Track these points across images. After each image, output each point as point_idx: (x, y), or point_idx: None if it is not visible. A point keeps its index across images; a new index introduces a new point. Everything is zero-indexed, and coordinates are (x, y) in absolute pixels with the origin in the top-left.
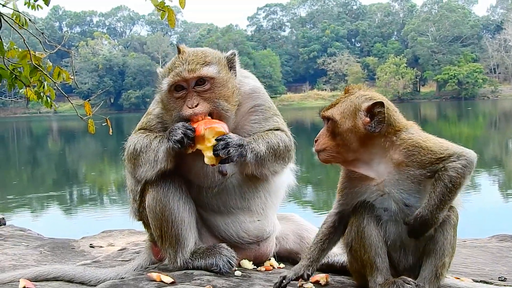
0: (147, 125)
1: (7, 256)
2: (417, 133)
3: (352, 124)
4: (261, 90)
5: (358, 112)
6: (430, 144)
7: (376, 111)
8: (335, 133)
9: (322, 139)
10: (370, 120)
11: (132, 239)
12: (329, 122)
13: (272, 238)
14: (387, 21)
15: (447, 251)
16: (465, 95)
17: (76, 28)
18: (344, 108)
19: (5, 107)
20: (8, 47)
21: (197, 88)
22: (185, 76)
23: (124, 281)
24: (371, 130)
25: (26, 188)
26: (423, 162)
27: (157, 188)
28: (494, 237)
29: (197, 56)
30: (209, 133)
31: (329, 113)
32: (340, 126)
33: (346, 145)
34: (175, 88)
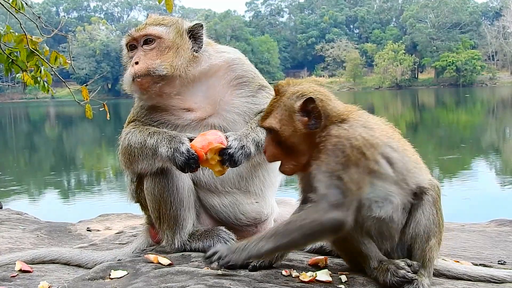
0: (135, 114)
1: (3, 239)
2: (354, 129)
3: (292, 129)
4: (239, 61)
5: (294, 114)
6: (352, 157)
7: (310, 107)
8: (280, 142)
9: (269, 150)
10: (308, 118)
11: (129, 223)
12: (272, 133)
13: (270, 220)
14: (385, 7)
15: (432, 231)
16: (463, 82)
17: (73, 13)
18: (281, 115)
19: (2, 93)
20: (5, 31)
21: (145, 47)
22: (133, 34)
23: (121, 263)
24: (313, 127)
25: (24, 173)
26: (329, 170)
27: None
28: (493, 221)
29: (154, 19)
30: (210, 153)
31: (268, 124)
32: (282, 134)
33: (295, 149)
34: (130, 48)
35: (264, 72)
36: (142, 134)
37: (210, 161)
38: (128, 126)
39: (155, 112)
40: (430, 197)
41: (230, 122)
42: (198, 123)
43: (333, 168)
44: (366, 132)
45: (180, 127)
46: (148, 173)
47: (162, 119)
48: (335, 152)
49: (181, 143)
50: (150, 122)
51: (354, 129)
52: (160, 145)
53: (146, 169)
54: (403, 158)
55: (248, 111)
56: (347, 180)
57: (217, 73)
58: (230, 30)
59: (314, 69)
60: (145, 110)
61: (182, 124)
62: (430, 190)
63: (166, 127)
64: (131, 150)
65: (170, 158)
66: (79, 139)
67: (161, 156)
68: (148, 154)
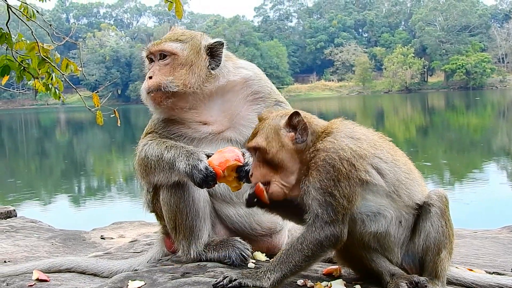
0: (152, 127)
1: (19, 248)
2: (341, 141)
3: (279, 145)
4: (256, 77)
5: (279, 130)
6: (342, 169)
7: (296, 121)
8: (268, 160)
9: (257, 171)
10: (294, 134)
11: (143, 231)
12: (257, 153)
13: (285, 230)
14: (394, 11)
15: (442, 243)
16: (473, 85)
17: (83, 19)
18: (266, 133)
19: (13, 99)
20: (16, 39)
21: (160, 62)
22: (150, 48)
23: (138, 273)
24: (300, 141)
25: (35, 179)
26: (322, 188)
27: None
28: (505, 228)
29: (173, 34)
30: (228, 170)
31: (254, 143)
32: (269, 151)
33: (284, 167)
34: (149, 60)
35: (273, 77)
36: (160, 147)
37: (227, 177)
38: (146, 137)
39: (172, 124)
40: (437, 209)
41: (246, 136)
42: (214, 137)
43: (325, 185)
44: (353, 143)
45: (197, 140)
46: (164, 185)
47: (179, 131)
48: (325, 167)
49: (200, 160)
50: (167, 134)
51: (340, 140)
52: (177, 160)
53: (162, 181)
54: (393, 169)
55: None
56: (338, 195)
57: (234, 88)
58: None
59: (323, 73)
60: (162, 123)
61: (199, 138)
62: (440, 197)
63: (183, 140)
64: (148, 162)
65: (188, 174)
66: (90, 145)
67: (178, 171)
68: (165, 168)
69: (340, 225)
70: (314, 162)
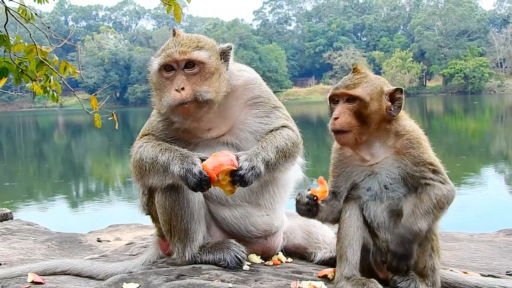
0: (149, 129)
1: (15, 250)
2: (413, 125)
3: (378, 107)
4: (256, 81)
5: (382, 94)
6: (426, 144)
7: (397, 97)
8: (361, 114)
9: (345, 118)
10: (391, 105)
11: (139, 233)
12: (356, 102)
13: (280, 232)
14: (393, 15)
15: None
16: (472, 89)
17: (82, 22)
18: (371, 89)
19: (12, 102)
20: (15, 41)
21: (186, 71)
22: (175, 57)
23: (133, 275)
24: (392, 114)
25: (33, 182)
26: (418, 158)
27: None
28: (501, 231)
29: (190, 40)
30: (222, 174)
31: (358, 93)
32: (369, 107)
33: (369, 126)
34: (165, 68)
35: (272, 80)
36: (154, 150)
37: (221, 181)
38: (141, 139)
39: (170, 128)
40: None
41: (242, 140)
42: (211, 141)
43: (424, 157)
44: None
45: (194, 144)
46: (158, 187)
47: (176, 135)
48: (416, 143)
49: (194, 164)
50: (164, 137)
51: (414, 125)
52: (171, 164)
53: (156, 184)
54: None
55: (260, 130)
56: (432, 161)
57: (236, 92)
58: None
59: (322, 77)
60: (159, 125)
61: (196, 142)
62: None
63: (180, 143)
64: (143, 164)
65: (183, 178)
66: (88, 148)
67: (172, 174)
68: (159, 170)
69: (448, 179)
70: (403, 135)
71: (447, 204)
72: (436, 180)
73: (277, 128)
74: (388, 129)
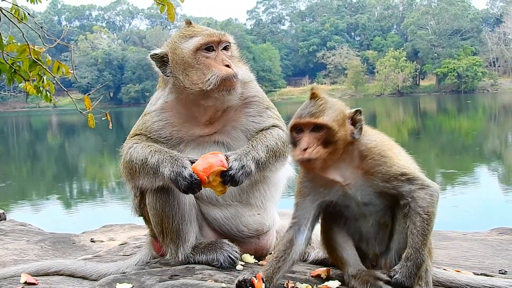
0: (142, 128)
1: (8, 251)
2: (377, 138)
3: (344, 132)
4: (253, 80)
5: (346, 119)
6: (394, 156)
7: (357, 118)
8: (329, 142)
9: (313, 148)
10: (353, 128)
11: (133, 234)
12: (323, 130)
13: (272, 231)
14: (386, 15)
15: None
16: (465, 88)
17: (75, 22)
18: (336, 115)
19: (4, 102)
20: (7, 41)
21: (224, 52)
22: (220, 37)
23: (126, 276)
24: (355, 137)
25: (26, 183)
26: (388, 174)
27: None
28: (494, 230)
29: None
30: (212, 176)
31: (326, 121)
32: (336, 134)
33: (335, 152)
34: (206, 48)
35: (266, 80)
36: (144, 151)
37: (212, 182)
38: (131, 139)
39: (162, 126)
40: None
41: (234, 138)
42: (203, 139)
43: (392, 171)
44: (385, 138)
45: (185, 142)
46: (149, 189)
47: (168, 133)
48: (381, 159)
49: (184, 168)
50: (157, 137)
51: (377, 137)
52: (161, 166)
53: (147, 185)
54: (407, 157)
55: (252, 129)
56: (402, 169)
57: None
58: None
59: (316, 76)
60: (156, 126)
61: (188, 140)
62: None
63: (172, 141)
64: (132, 165)
65: (173, 180)
66: (81, 148)
67: (163, 177)
68: (149, 173)
69: (429, 181)
70: (367, 156)
71: (436, 208)
72: (415, 190)
73: (268, 128)
74: (352, 151)
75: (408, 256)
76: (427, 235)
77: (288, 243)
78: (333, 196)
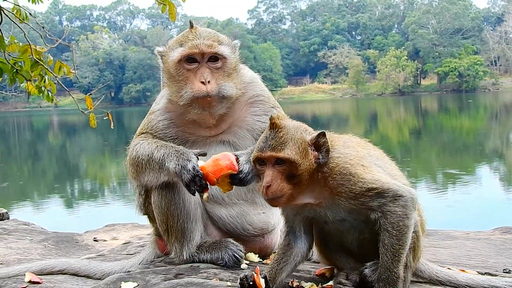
0: (148, 127)
1: (11, 250)
2: (343, 154)
3: (307, 161)
4: (258, 80)
5: (308, 147)
6: (360, 171)
7: (321, 142)
8: (293, 175)
9: (277, 184)
10: (318, 153)
11: (136, 233)
12: (285, 164)
13: (277, 230)
14: (387, 14)
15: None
16: (466, 87)
17: (76, 22)
18: (297, 147)
19: (6, 102)
20: (9, 41)
21: (210, 64)
22: (202, 49)
23: (131, 274)
24: (321, 162)
25: (28, 182)
26: (353, 192)
27: (162, 183)
28: (497, 229)
29: (211, 33)
30: (221, 178)
31: (288, 154)
32: (300, 167)
33: (301, 183)
34: (187, 60)
35: (267, 80)
36: (150, 147)
37: (221, 183)
38: (138, 137)
39: (168, 126)
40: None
41: (240, 137)
42: (209, 139)
43: (356, 189)
44: (351, 150)
45: (191, 142)
46: (154, 186)
47: (174, 133)
48: (345, 177)
49: (188, 161)
50: (163, 136)
51: (343, 151)
52: (167, 160)
53: (152, 181)
54: (386, 164)
55: (258, 128)
56: (369, 185)
57: (244, 90)
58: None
59: (317, 76)
60: (161, 125)
61: (194, 140)
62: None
63: (177, 141)
64: (138, 161)
65: (178, 174)
66: (83, 148)
67: (168, 171)
68: (155, 167)
69: (402, 190)
70: (328, 176)
71: (408, 221)
72: (385, 203)
73: None
74: (316, 173)
75: (380, 277)
76: (398, 251)
77: (286, 247)
78: (308, 213)
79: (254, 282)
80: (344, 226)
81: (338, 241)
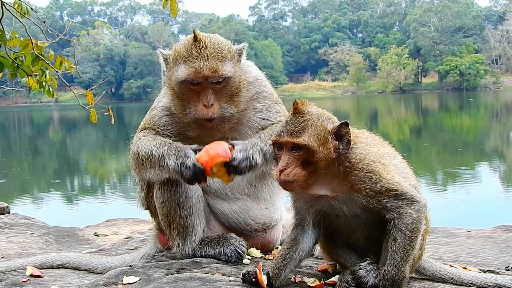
0: (150, 123)
1: (12, 244)
2: (366, 151)
3: (327, 151)
4: (263, 77)
5: (328, 135)
6: (382, 170)
7: (343, 132)
8: (309, 162)
9: (291, 169)
10: (338, 143)
11: (137, 228)
12: (302, 150)
13: (279, 226)
14: (389, 12)
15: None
16: (467, 86)
17: (77, 17)
18: (317, 134)
19: (6, 97)
20: (10, 36)
21: (213, 85)
22: (205, 73)
23: (133, 269)
24: (342, 153)
25: (29, 177)
26: (373, 191)
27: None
28: (498, 227)
29: (215, 49)
30: (216, 166)
31: (305, 141)
32: (317, 155)
33: (317, 172)
34: (191, 81)
35: (268, 77)
36: (150, 144)
37: (217, 173)
38: (140, 133)
39: (170, 122)
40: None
41: (242, 134)
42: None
43: (377, 188)
44: (372, 147)
45: (193, 139)
46: (156, 181)
47: (176, 130)
48: (366, 174)
49: (187, 157)
50: (165, 132)
51: (365, 148)
52: (166, 158)
53: (154, 178)
54: (400, 163)
55: (260, 124)
56: (390, 185)
57: (247, 89)
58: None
59: (318, 73)
60: (163, 121)
61: (196, 136)
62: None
63: (179, 137)
64: (140, 158)
65: (178, 172)
66: (83, 143)
67: (168, 169)
68: (155, 165)
69: (418, 195)
70: (350, 172)
71: (422, 224)
72: (401, 206)
73: (276, 123)
74: (337, 166)
75: (386, 274)
76: (408, 252)
77: (293, 242)
78: (321, 205)
79: (257, 278)
80: (355, 222)
81: (345, 237)
